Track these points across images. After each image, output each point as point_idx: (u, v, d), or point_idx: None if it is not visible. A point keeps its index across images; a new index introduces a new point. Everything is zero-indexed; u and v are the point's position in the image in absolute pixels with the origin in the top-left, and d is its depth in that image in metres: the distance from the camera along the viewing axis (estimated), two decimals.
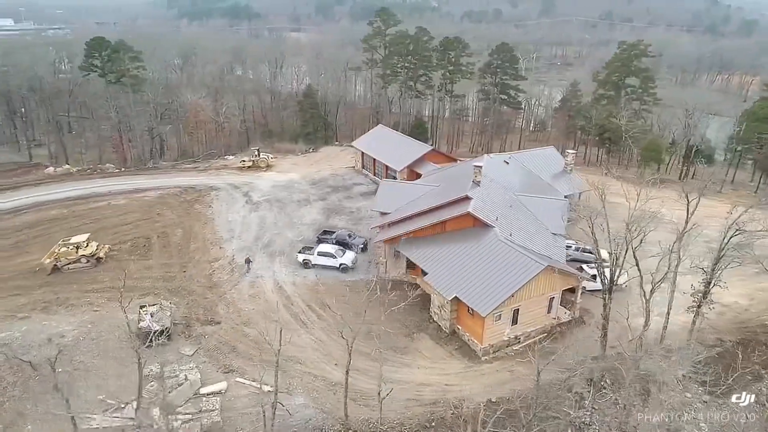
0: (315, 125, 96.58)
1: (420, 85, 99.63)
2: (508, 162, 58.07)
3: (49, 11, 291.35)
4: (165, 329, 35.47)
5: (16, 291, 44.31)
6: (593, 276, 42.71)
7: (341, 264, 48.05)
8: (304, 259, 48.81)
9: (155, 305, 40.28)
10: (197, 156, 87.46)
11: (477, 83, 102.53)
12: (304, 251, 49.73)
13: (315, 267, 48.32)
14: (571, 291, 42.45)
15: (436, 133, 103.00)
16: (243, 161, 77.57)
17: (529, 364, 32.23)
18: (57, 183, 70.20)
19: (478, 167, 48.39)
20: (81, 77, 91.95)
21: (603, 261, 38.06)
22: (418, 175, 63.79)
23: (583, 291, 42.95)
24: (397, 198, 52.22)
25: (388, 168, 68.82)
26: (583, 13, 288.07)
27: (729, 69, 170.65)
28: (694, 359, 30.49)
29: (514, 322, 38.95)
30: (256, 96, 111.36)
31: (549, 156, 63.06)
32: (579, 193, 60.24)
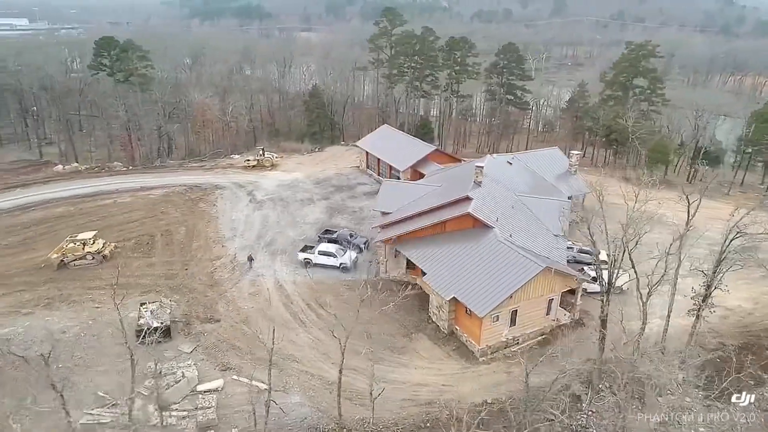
0: (321, 125, 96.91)
1: (426, 85, 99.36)
2: (511, 162, 57.75)
3: (64, 11, 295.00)
4: (163, 326, 35.74)
5: (21, 287, 44.93)
6: (594, 278, 42.36)
7: (341, 263, 48.16)
8: (305, 258, 49.03)
9: (155, 302, 40.74)
10: (204, 155, 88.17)
11: (483, 83, 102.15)
12: (305, 250, 49.95)
13: (316, 266, 48.42)
14: (572, 293, 42.21)
15: (442, 134, 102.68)
16: (247, 161, 77.99)
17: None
18: (66, 181, 71.15)
19: (479, 167, 48.24)
20: (90, 76, 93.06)
21: (602, 263, 37.71)
22: (421, 175, 63.72)
23: (583, 293, 42.66)
24: (399, 198, 52.21)
25: (391, 168, 68.88)
26: (595, 13, 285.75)
27: (743, 70, 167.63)
28: (692, 363, 30.10)
29: (512, 323, 38.79)
30: (263, 95, 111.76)
31: (553, 157, 62.53)
32: (583, 194, 59.72)
